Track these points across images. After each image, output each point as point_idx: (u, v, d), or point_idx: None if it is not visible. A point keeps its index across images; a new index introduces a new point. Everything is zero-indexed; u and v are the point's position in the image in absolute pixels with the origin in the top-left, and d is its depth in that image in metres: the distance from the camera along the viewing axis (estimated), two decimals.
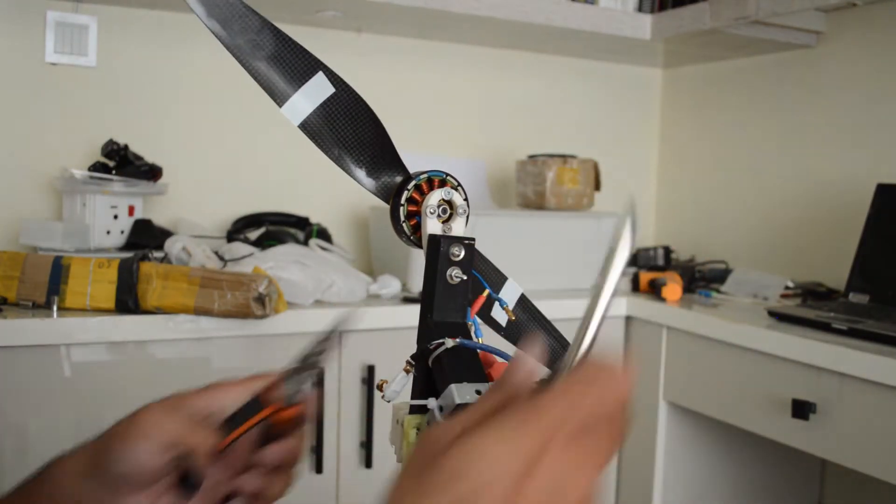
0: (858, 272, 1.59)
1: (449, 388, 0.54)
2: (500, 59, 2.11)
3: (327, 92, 0.63)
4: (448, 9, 1.68)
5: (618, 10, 1.88)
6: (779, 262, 1.95)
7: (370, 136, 0.64)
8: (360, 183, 0.65)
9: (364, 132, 0.64)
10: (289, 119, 0.62)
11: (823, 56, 1.88)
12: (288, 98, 0.62)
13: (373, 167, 0.64)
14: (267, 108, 0.63)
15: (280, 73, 0.61)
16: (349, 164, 0.64)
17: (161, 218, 1.72)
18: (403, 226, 0.64)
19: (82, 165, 1.62)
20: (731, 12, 1.71)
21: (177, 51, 1.77)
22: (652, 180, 2.36)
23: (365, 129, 0.63)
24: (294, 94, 0.62)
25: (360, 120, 0.63)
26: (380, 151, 0.64)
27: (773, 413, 1.39)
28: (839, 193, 1.83)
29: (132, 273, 1.31)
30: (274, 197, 1.85)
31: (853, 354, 1.26)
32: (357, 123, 0.63)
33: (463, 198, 0.64)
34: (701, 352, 1.56)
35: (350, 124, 0.63)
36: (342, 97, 0.63)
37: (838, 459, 1.31)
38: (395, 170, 0.65)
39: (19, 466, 1.23)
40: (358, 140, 0.64)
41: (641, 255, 2.03)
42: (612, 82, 2.26)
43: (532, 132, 2.16)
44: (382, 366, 1.46)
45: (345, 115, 0.63)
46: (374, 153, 0.64)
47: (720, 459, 1.77)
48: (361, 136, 0.64)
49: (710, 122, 2.18)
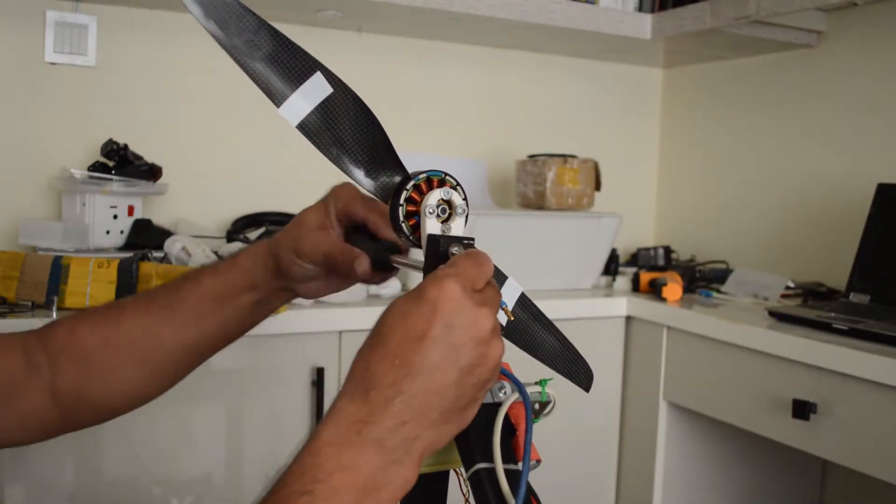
0: (859, 272, 1.58)
1: None
2: (500, 59, 2.11)
3: (325, 92, 0.62)
4: (448, 8, 1.68)
5: (618, 9, 1.88)
6: (779, 262, 1.95)
7: (369, 137, 0.64)
8: (358, 183, 0.65)
9: (363, 132, 0.64)
10: (287, 120, 0.62)
11: (824, 56, 1.87)
12: (286, 98, 0.62)
13: (371, 167, 0.64)
14: (267, 108, 0.62)
15: (278, 74, 0.61)
16: (347, 165, 0.64)
17: (161, 218, 1.72)
18: (403, 226, 0.63)
19: (82, 165, 1.62)
20: (732, 12, 1.71)
21: (177, 51, 1.77)
22: (652, 180, 2.36)
23: (364, 129, 0.63)
24: (292, 95, 0.62)
25: (359, 120, 0.63)
26: (378, 152, 0.64)
27: (774, 413, 1.39)
28: (839, 193, 1.83)
29: (132, 273, 1.31)
30: (274, 197, 1.85)
31: (854, 354, 1.25)
32: (356, 123, 0.63)
33: (462, 197, 0.64)
34: (701, 352, 1.56)
35: (349, 124, 0.63)
36: (341, 97, 0.63)
37: (838, 459, 1.31)
38: (394, 170, 0.65)
39: (19, 467, 1.23)
40: (356, 140, 0.63)
41: (642, 255, 2.03)
42: (612, 82, 2.26)
43: (532, 132, 2.16)
44: None
45: (343, 115, 0.63)
46: (373, 153, 0.64)
47: (720, 459, 1.77)
48: (360, 137, 0.64)
49: (710, 122, 2.18)
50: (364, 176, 0.64)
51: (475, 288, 0.54)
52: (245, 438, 1.40)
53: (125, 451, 1.31)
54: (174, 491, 1.35)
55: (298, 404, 1.43)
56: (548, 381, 0.60)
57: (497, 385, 0.57)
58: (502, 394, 0.57)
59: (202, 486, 1.37)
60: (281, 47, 0.62)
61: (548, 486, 0.74)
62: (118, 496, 1.30)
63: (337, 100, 0.63)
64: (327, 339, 1.43)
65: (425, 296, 0.52)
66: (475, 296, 0.53)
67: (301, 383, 1.43)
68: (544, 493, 0.58)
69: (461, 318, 0.52)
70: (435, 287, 0.52)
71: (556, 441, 1.64)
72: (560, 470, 1.70)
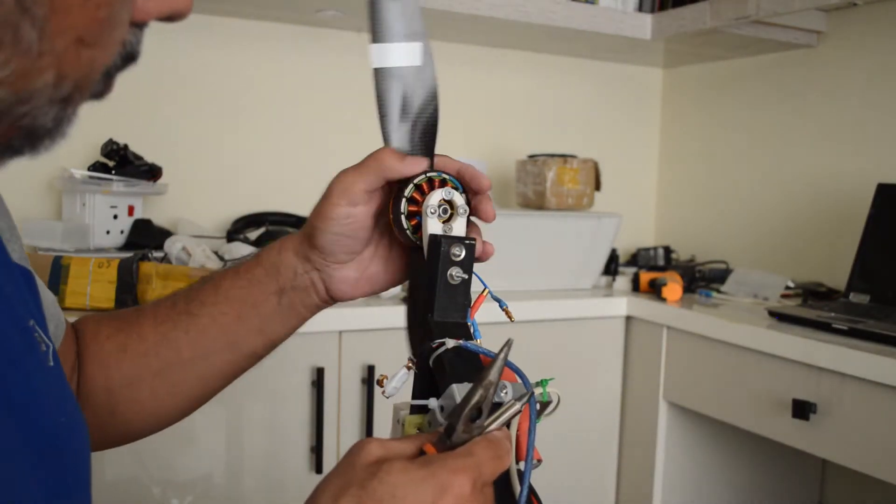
0: (859, 272, 1.59)
1: (450, 387, 0.54)
2: (501, 59, 2.11)
3: (418, 61, 0.64)
4: (449, 9, 1.68)
5: (618, 9, 1.88)
6: (779, 262, 1.95)
7: (423, 118, 0.65)
8: (386, 141, 0.65)
9: (420, 112, 0.65)
10: (372, 58, 0.63)
11: (824, 56, 1.87)
12: (387, 42, 0.63)
13: (409, 142, 0.65)
14: (267, 108, 0.63)
15: (398, 21, 0.63)
16: (390, 127, 0.64)
17: (161, 218, 1.72)
18: (405, 226, 0.63)
19: (82, 165, 1.62)
20: (732, 12, 1.71)
21: (177, 51, 1.77)
22: (652, 180, 2.36)
23: (423, 110, 0.65)
24: (396, 43, 0.63)
25: (426, 100, 0.65)
26: (423, 133, 0.65)
27: (774, 413, 1.39)
28: (839, 193, 1.83)
29: (132, 273, 1.31)
30: (274, 197, 1.85)
31: (853, 354, 1.26)
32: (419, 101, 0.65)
33: (463, 197, 0.64)
34: (701, 352, 1.56)
35: (413, 98, 0.64)
36: (423, 74, 0.65)
37: (838, 459, 1.31)
38: (425, 153, 0.65)
39: None
40: (411, 113, 0.65)
41: (641, 255, 2.03)
42: (612, 82, 2.26)
43: (532, 132, 2.16)
44: (382, 366, 1.46)
45: (415, 87, 0.64)
46: (418, 131, 0.65)
47: (720, 459, 1.77)
48: (416, 113, 0.65)
49: (710, 122, 2.18)
50: (399, 136, 0.65)
51: (486, 482, 0.47)
52: (245, 438, 1.40)
53: (125, 452, 1.31)
54: (174, 491, 1.35)
55: (298, 404, 1.43)
56: (549, 381, 0.59)
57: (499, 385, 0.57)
58: (503, 394, 0.56)
59: (202, 486, 1.37)
60: (414, 3, 0.64)
61: (548, 486, 0.74)
62: (118, 496, 1.30)
63: (420, 72, 0.64)
64: (327, 339, 1.43)
65: (437, 477, 0.45)
66: (479, 496, 0.46)
67: (301, 383, 1.43)
68: (544, 493, 0.58)
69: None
70: (447, 474, 0.45)
71: (556, 441, 1.65)
72: (560, 470, 1.70)
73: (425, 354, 0.58)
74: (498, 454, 0.47)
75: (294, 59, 1.86)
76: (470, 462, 0.46)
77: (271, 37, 1.84)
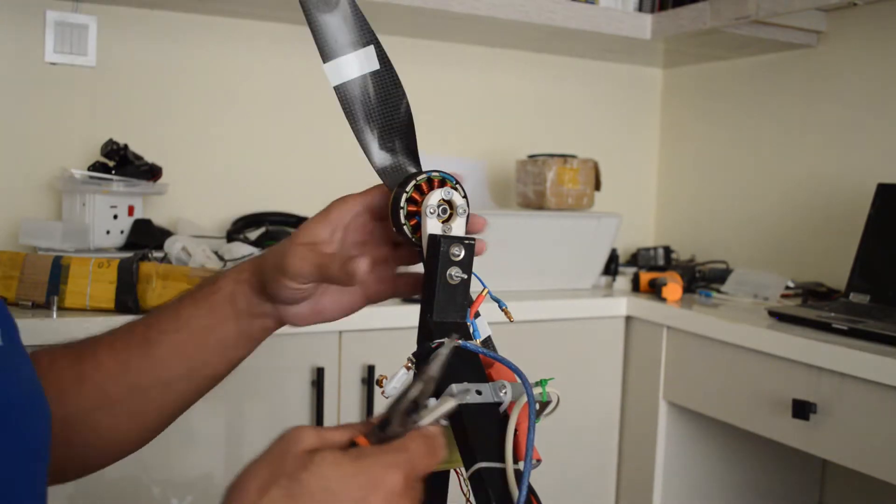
0: (859, 272, 1.58)
1: (449, 387, 0.54)
2: (500, 58, 2.11)
3: (374, 66, 0.65)
4: (448, 8, 1.68)
5: (618, 9, 1.88)
6: (779, 262, 1.95)
7: (396, 119, 0.65)
8: (370, 159, 0.66)
9: (392, 113, 0.65)
10: (328, 77, 0.63)
11: (824, 56, 1.87)
12: (337, 57, 0.64)
13: (389, 147, 0.65)
14: (266, 108, 0.63)
15: (341, 33, 0.63)
16: (367, 138, 0.65)
17: (161, 218, 1.72)
18: (404, 226, 0.63)
19: (82, 165, 1.62)
20: (731, 12, 1.71)
21: (177, 51, 1.77)
22: (652, 180, 2.36)
23: (394, 110, 0.65)
24: (346, 56, 0.64)
25: (393, 101, 0.65)
26: (401, 135, 0.66)
27: (774, 413, 1.39)
28: (839, 193, 1.83)
29: (132, 273, 1.31)
30: (274, 197, 1.85)
31: (853, 354, 1.25)
32: (388, 102, 0.65)
33: (463, 197, 0.64)
34: (701, 352, 1.56)
35: (381, 101, 0.65)
36: (385, 75, 0.65)
37: (838, 459, 1.31)
38: (409, 158, 0.66)
39: None
40: (383, 118, 0.65)
41: (641, 255, 2.03)
42: (612, 82, 2.26)
43: (532, 132, 2.16)
44: (382, 366, 1.46)
45: (380, 91, 0.65)
46: (395, 135, 0.65)
47: (720, 459, 1.77)
48: (388, 116, 0.65)
49: (710, 121, 2.18)
50: (378, 148, 0.65)
51: (418, 478, 0.47)
52: (245, 438, 1.40)
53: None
54: (174, 491, 1.35)
55: (298, 404, 1.43)
56: (548, 381, 0.59)
57: (498, 384, 0.57)
58: (502, 393, 0.56)
59: (202, 486, 1.37)
60: (352, 10, 0.64)
61: (548, 486, 0.74)
62: (118, 496, 1.30)
63: (380, 76, 0.65)
64: (327, 339, 1.43)
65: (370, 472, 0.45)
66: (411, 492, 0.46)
67: (301, 383, 1.43)
68: (544, 492, 0.58)
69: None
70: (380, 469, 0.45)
71: (556, 441, 1.65)
72: (560, 470, 1.70)
73: (425, 354, 0.58)
74: (431, 450, 0.47)
75: (294, 59, 1.86)
76: (403, 458, 0.46)
77: (271, 37, 1.84)
